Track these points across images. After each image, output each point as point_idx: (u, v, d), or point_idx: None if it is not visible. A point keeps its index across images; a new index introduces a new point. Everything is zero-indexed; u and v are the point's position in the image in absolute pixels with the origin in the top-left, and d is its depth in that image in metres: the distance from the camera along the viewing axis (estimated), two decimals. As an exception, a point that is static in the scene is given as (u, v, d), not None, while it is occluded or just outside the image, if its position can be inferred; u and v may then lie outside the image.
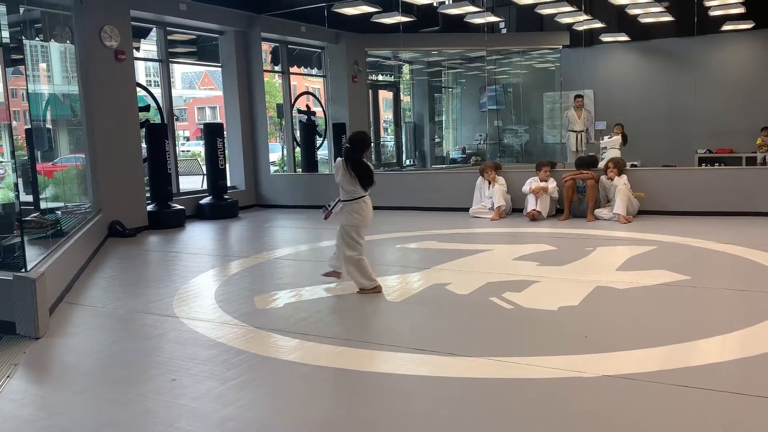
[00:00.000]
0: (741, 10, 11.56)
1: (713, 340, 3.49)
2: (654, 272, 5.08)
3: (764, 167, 10.38)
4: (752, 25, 12.37)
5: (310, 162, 11.97)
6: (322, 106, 13.18)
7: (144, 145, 9.00)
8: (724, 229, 6.92)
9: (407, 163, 15.87)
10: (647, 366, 3.13)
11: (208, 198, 9.99)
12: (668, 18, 12.76)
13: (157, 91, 10.03)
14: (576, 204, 8.29)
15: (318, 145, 12.26)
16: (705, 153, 12.36)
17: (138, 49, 9.81)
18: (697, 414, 2.67)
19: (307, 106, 12.32)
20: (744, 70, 12.96)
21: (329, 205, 4.94)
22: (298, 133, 12.23)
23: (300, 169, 12.19)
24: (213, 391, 3.07)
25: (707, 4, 11.37)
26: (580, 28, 12.97)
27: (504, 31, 15.20)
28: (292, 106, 12.35)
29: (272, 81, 16.23)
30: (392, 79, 15.98)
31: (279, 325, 4.07)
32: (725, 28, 12.47)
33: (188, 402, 2.96)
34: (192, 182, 12.53)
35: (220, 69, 11.08)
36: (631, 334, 3.71)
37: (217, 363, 3.43)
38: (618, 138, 10.50)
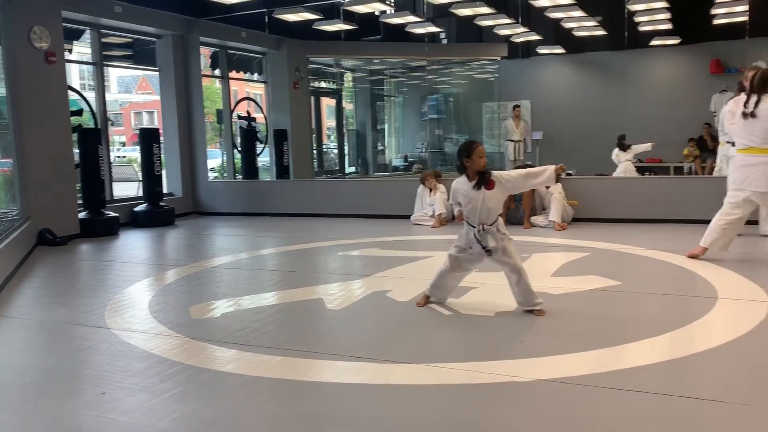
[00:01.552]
0: (668, 26, 12.11)
1: (643, 343, 3.61)
2: (587, 278, 5.23)
3: (692, 176, 10.87)
4: (679, 40, 12.98)
5: (250, 169, 11.82)
6: (263, 112, 13.06)
7: (76, 150, 8.70)
8: (654, 236, 7.19)
9: (350, 170, 15.88)
10: (580, 369, 3.21)
11: (144, 205, 9.72)
12: (601, 32, 13.27)
13: (90, 95, 9.72)
14: (513, 211, 8.46)
15: (259, 152, 12.13)
16: (635, 162, 12.83)
17: (70, 51, 9.49)
18: (629, 415, 2.75)
19: (248, 112, 12.18)
20: (672, 83, 13.56)
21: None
22: (238, 139, 12.07)
23: (240, 176, 12.03)
24: (146, 404, 2.98)
25: (637, 19, 11.87)
26: (518, 40, 13.33)
27: (444, 41, 15.46)
28: (232, 111, 12.19)
29: (212, 86, 15.97)
30: (335, 87, 15.98)
31: (215, 336, 3.99)
32: (654, 43, 13.06)
33: (119, 416, 2.86)
34: (128, 189, 12.18)
35: (157, 73, 10.84)
36: (564, 338, 3.79)
37: (150, 375, 3.34)
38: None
